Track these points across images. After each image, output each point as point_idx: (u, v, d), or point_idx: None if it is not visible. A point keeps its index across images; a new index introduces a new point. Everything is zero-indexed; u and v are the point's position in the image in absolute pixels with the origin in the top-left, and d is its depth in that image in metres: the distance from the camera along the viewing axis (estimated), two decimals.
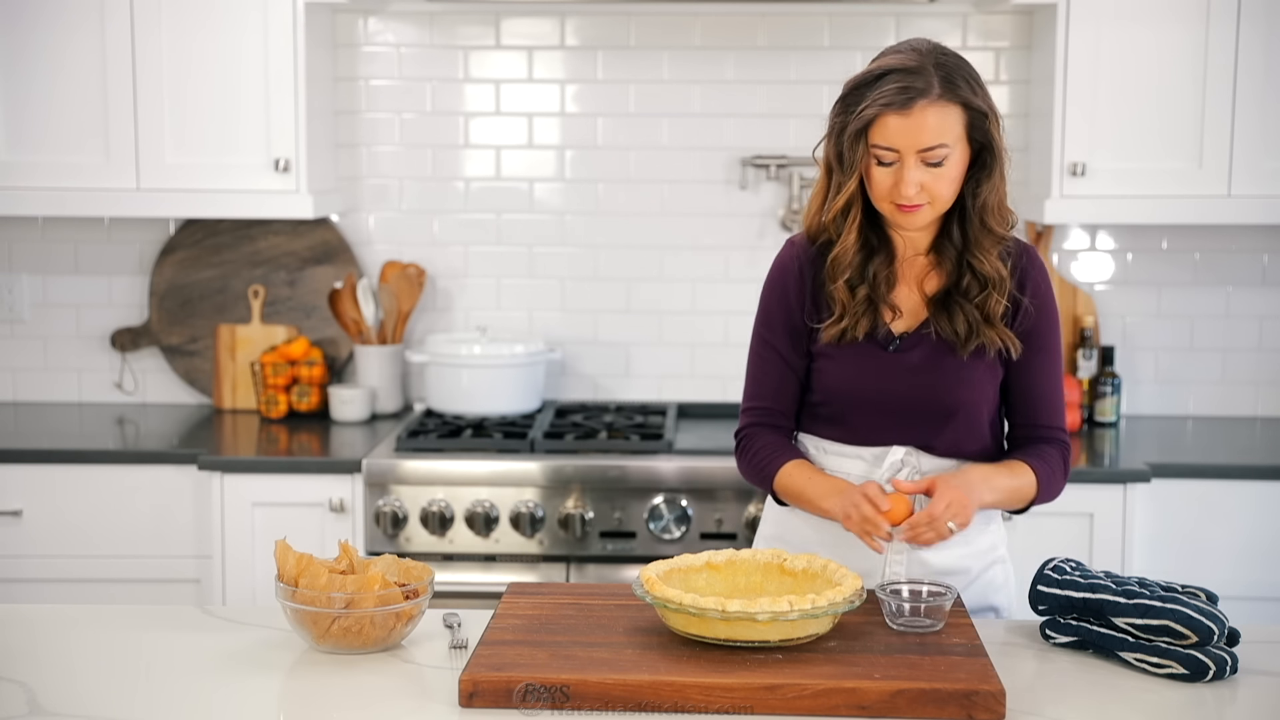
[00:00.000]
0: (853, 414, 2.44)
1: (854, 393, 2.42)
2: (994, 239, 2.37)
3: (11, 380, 4.18)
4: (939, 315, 2.40)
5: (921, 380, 2.40)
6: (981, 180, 2.35)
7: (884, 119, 2.27)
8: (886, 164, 2.30)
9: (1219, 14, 3.60)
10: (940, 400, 2.40)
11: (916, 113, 2.27)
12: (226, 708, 2.01)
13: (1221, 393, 4.08)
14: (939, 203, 2.33)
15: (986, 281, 2.37)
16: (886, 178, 2.31)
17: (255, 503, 3.53)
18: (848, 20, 3.99)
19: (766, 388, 2.50)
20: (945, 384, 2.40)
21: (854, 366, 2.41)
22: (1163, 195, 3.67)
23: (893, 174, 2.30)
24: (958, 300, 2.39)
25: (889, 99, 2.27)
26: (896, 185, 2.30)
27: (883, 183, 2.31)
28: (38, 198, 3.76)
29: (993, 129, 2.33)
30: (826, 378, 2.44)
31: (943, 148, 2.28)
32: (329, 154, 4.00)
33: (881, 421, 2.42)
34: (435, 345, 3.92)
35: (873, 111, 2.27)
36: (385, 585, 2.16)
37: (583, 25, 4.04)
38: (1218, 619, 2.09)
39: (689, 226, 4.09)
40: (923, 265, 2.43)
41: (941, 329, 2.40)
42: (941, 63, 2.30)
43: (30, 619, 2.36)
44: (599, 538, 3.50)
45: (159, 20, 3.68)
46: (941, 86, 2.28)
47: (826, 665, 2.02)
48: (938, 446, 2.42)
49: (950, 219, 2.39)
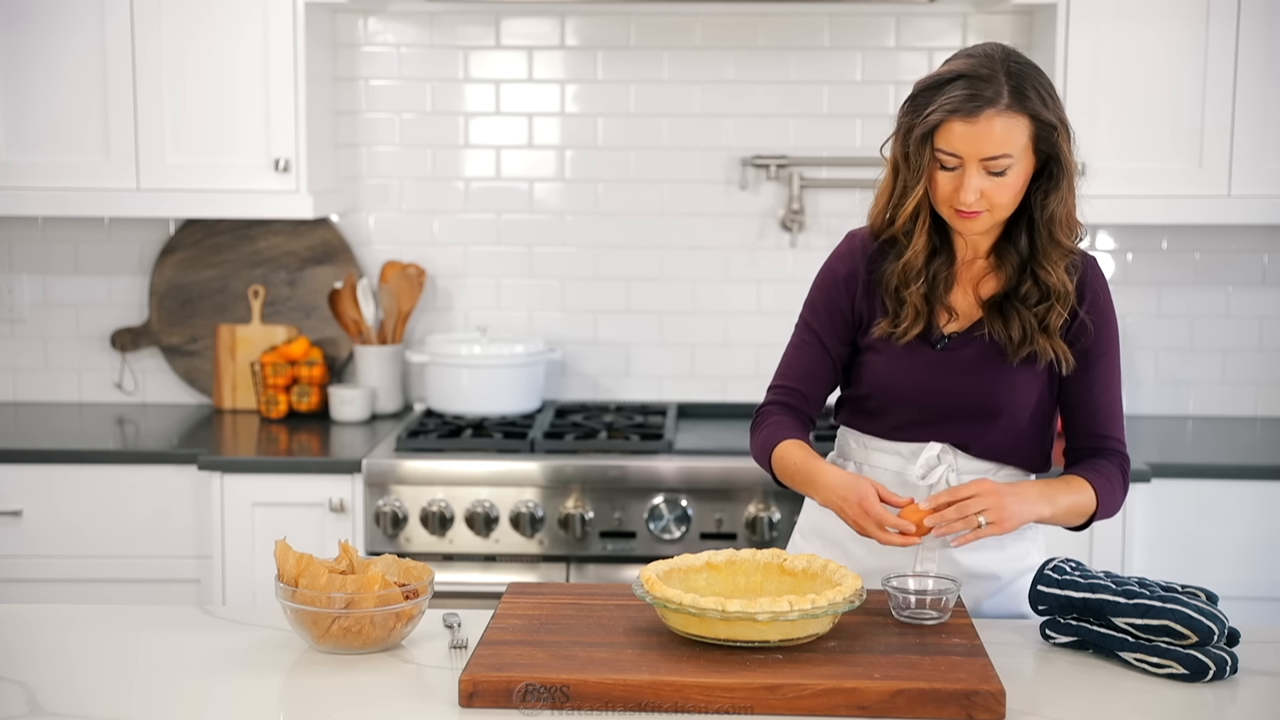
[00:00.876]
0: (895, 409, 2.43)
1: (898, 388, 2.42)
2: (1062, 251, 2.36)
3: (11, 380, 4.18)
4: (994, 318, 2.39)
5: (966, 380, 2.39)
6: (1049, 191, 2.32)
7: (949, 125, 2.26)
8: (949, 169, 2.29)
9: (1219, 13, 3.60)
10: (982, 402, 2.39)
11: (983, 121, 2.25)
12: (226, 708, 2.01)
13: (1221, 393, 4.08)
14: (998, 210, 2.31)
15: (1050, 292, 2.36)
16: (948, 182, 2.30)
17: (255, 503, 3.53)
18: (848, 20, 3.99)
19: (798, 370, 2.51)
20: (990, 387, 2.38)
21: (901, 362, 2.41)
22: (1163, 195, 3.67)
23: (954, 179, 2.29)
24: (1015, 305, 2.37)
25: (956, 105, 2.25)
26: (957, 190, 2.29)
27: (944, 187, 2.30)
28: (38, 198, 3.76)
29: (1061, 141, 2.30)
30: (872, 371, 2.44)
31: (1006, 158, 2.26)
32: (329, 154, 4.00)
33: (922, 418, 2.41)
34: (435, 345, 3.92)
35: (938, 117, 2.26)
36: (385, 585, 2.16)
37: (583, 25, 4.04)
38: (1218, 619, 2.09)
39: (689, 226, 4.09)
40: (980, 268, 2.42)
41: (996, 332, 2.38)
42: (1014, 71, 2.28)
43: (30, 619, 2.36)
44: (599, 538, 3.50)
45: (159, 20, 3.68)
46: (1011, 97, 2.26)
47: (826, 665, 2.02)
48: (976, 447, 2.42)
49: (1017, 226, 2.37)
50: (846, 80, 4.02)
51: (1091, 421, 2.44)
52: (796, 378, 2.51)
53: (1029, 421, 2.43)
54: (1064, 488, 2.37)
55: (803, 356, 2.50)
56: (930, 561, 2.43)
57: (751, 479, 3.47)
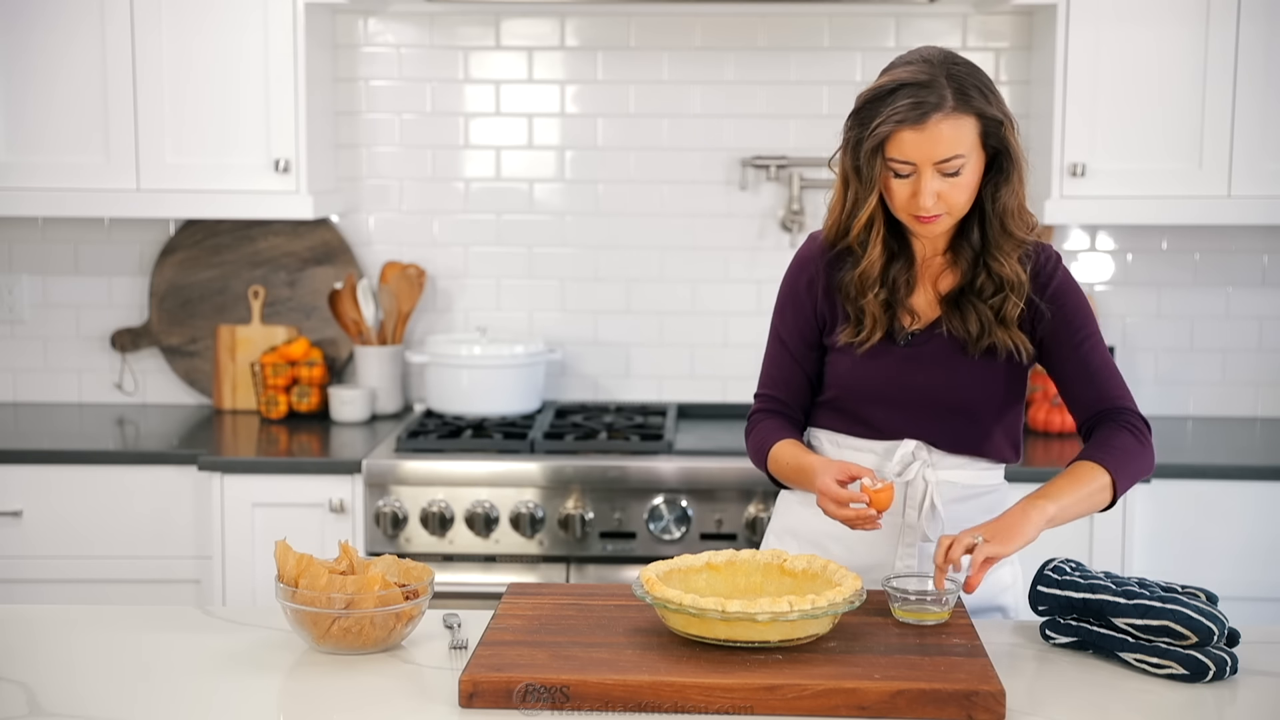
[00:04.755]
0: (864, 408, 2.46)
1: (865, 387, 2.44)
2: (1014, 242, 2.37)
3: (11, 380, 4.18)
4: (951, 314, 2.41)
5: (931, 377, 2.41)
6: (1000, 185, 2.34)
7: (899, 134, 2.28)
8: (903, 176, 2.31)
9: (1219, 14, 3.60)
10: (949, 397, 2.42)
11: (931, 126, 2.26)
12: (226, 708, 2.01)
13: (1221, 393, 4.08)
14: (955, 211, 2.33)
15: (1004, 283, 2.37)
16: (904, 189, 2.31)
17: (255, 503, 3.53)
18: (848, 21, 3.99)
19: (776, 378, 2.56)
20: (954, 382, 2.41)
21: (865, 362, 2.43)
22: (1163, 196, 3.67)
23: (910, 185, 2.31)
24: (971, 300, 2.39)
25: (902, 115, 2.26)
26: (914, 197, 2.30)
27: (900, 194, 2.32)
28: (38, 198, 3.76)
29: (1008, 134, 2.32)
30: (838, 372, 2.47)
31: (958, 159, 2.28)
32: (329, 154, 4.00)
33: (892, 416, 2.44)
34: (435, 346, 3.92)
35: (887, 128, 2.28)
36: (385, 586, 2.16)
37: (583, 26, 4.04)
38: (1217, 619, 2.09)
39: (689, 227, 4.09)
40: (938, 264, 2.44)
41: (953, 328, 2.40)
42: (953, 74, 2.30)
43: (30, 619, 2.36)
44: (599, 538, 3.50)
45: (159, 21, 3.68)
46: (955, 99, 2.27)
47: (826, 665, 2.02)
48: (945, 442, 2.44)
49: (970, 221, 2.39)
50: (846, 81, 4.02)
51: (1092, 394, 2.45)
52: (776, 386, 2.55)
53: (995, 413, 2.45)
54: (1063, 480, 2.36)
55: (778, 365, 2.55)
56: (910, 557, 2.44)
57: (751, 479, 3.47)
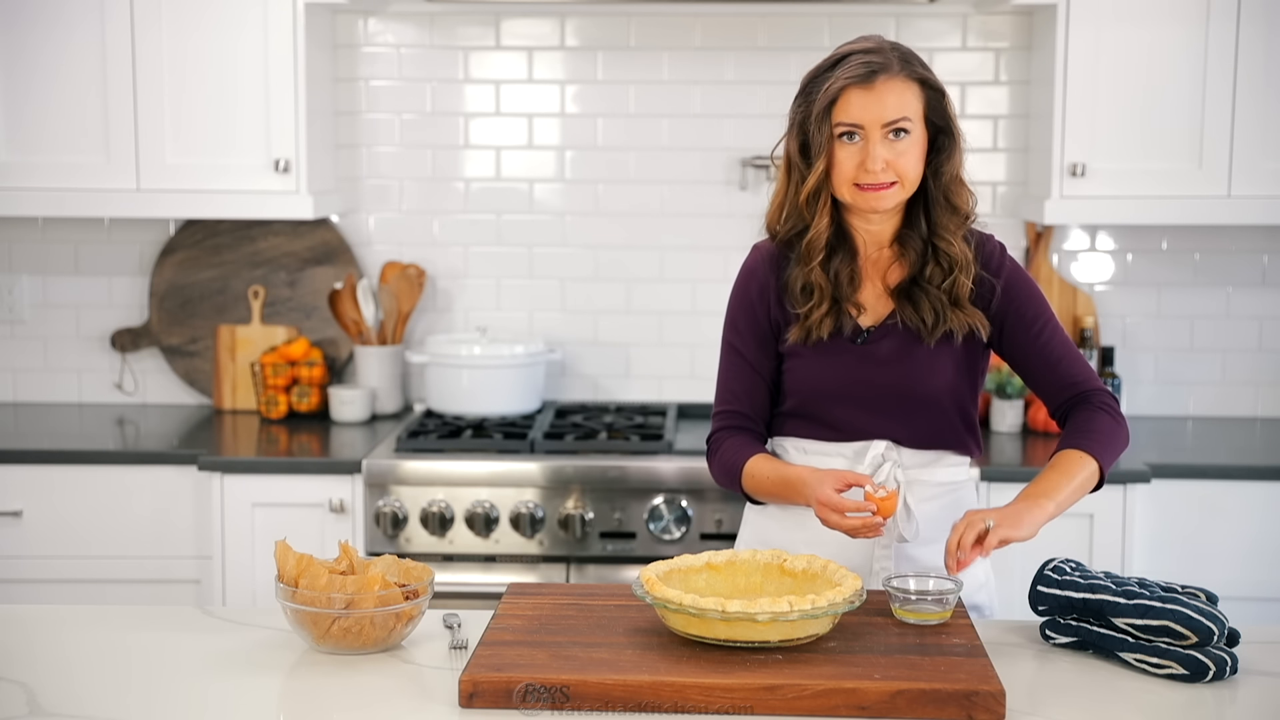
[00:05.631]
0: (827, 411, 2.45)
1: (826, 389, 2.44)
2: (959, 219, 2.41)
3: (11, 380, 4.18)
4: (904, 305, 2.42)
5: (891, 371, 2.42)
6: (942, 162, 2.39)
7: (848, 94, 2.32)
8: (853, 141, 2.33)
9: (1219, 14, 3.60)
10: (911, 390, 2.42)
11: (879, 86, 2.32)
12: (226, 708, 2.01)
13: (1221, 393, 4.08)
14: (906, 182, 2.35)
15: (953, 264, 2.40)
16: (851, 157, 2.34)
17: (255, 503, 3.53)
18: (848, 20, 3.99)
19: (736, 392, 2.52)
20: (915, 374, 2.42)
21: (823, 363, 2.43)
22: (1163, 196, 3.67)
23: (858, 152, 2.33)
24: (922, 287, 2.41)
25: (852, 73, 2.32)
26: (862, 164, 2.33)
27: (847, 163, 2.34)
28: (38, 198, 3.76)
29: (949, 107, 2.39)
30: (798, 376, 2.46)
31: (905, 120, 2.33)
32: (329, 154, 4.00)
33: (857, 416, 2.44)
34: (435, 346, 3.92)
35: (838, 86, 2.32)
36: (385, 586, 2.16)
37: (583, 26, 4.04)
38: (1218, 619, 2.09)
39: (689, 227, 4.09)
40: (886, 258, 2.45)
41: (908, 318, 2.42)
42: (896, 46, 2.38)
43: (30, 619, 2.36)
44: (599, 538, 3.50)
45: (159, 20, 3.68)
46: (900, 64, 2.34)
47: (826, 665, 2.02)
48: (913, 438, 2.44)
49: (914, 208, 2.42)
50: None
51: (1059, 380, 2.46)
52: (738, 399, 2.52)
53: (956, 404, 2.46)
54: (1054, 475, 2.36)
55: (736, 377, 2.51)
56: (887, 559, 2.44)
57: None
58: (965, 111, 3.99)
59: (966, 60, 4.00)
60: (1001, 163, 4.04)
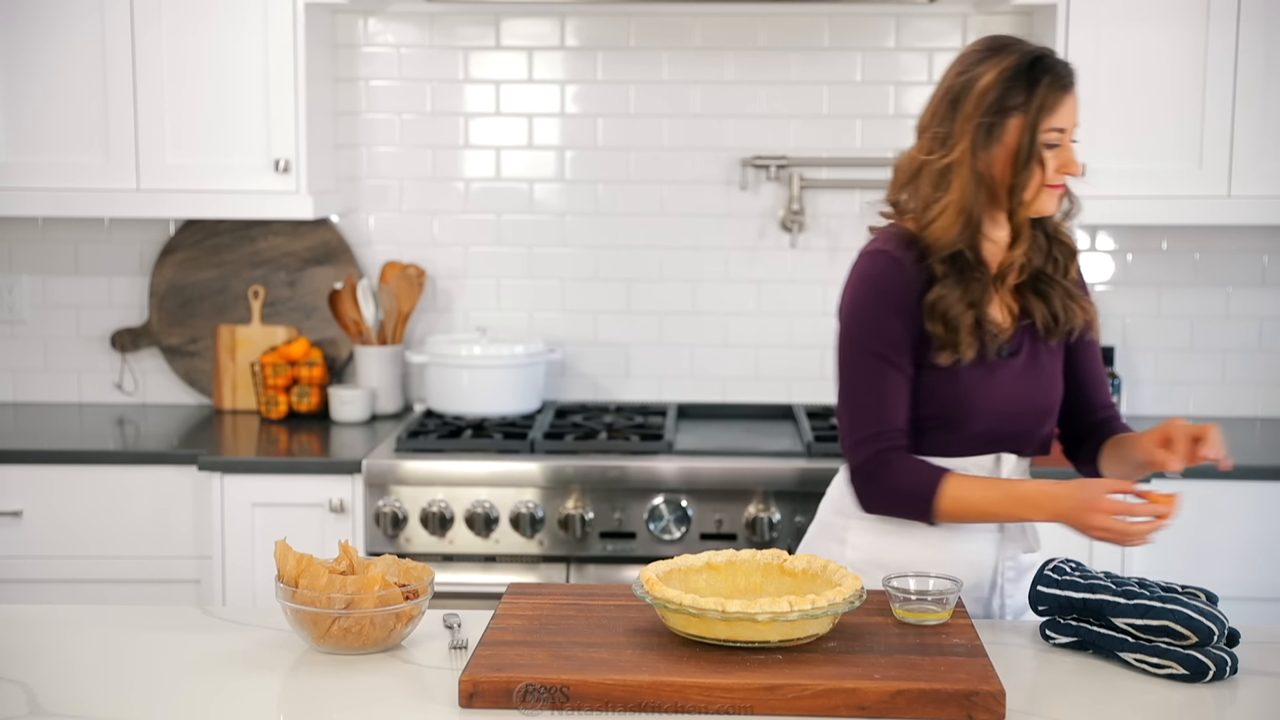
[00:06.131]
0: (965, 424, 2.41)
1: (975, 404, 2.40)
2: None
3: (11, 380, 4.18)
4: (1035, 302, 2.43)
5: (1028, 381, 2.43)
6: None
7: (1061, 99, 2.34)
8: (1052, 146, 2.35)
9: (1219, 14, 3.60)
10: (1047, 399, 2.45)
11: (1073, 90, 2.37)
12: (226, 708, 2.01)
13: (1221, 393, 4.08)
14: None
15: (1073, 250, 2.46)
16: (1052, 161, 2.36)
17: (255, 503, 3.53)
18: (848, 20, 3.99)
19: (894, 409, 2.38)
20: (1048, 383, 2.46)
21: (968, 376, 2.39)
22: (1163, 196, 3.67)
23: (1056, 155, 2.36)
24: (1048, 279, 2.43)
25: (1062, 80, 2.34)
26: (1067, 163, 2.36)
27: (1050, 165, 2.35)
28: (38, 198, 3.76)
29: None
30: (944, 391, 2.39)
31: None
32: (329, 154, 4.00)
33: (990, 428, 2.42)
34: (435, 346, 3.92)
35: (1055, 95, 2.33)
36: (385, 586, 2.16)
37: (583, 26, 4.04)
38: (1218, 619, 2.09)
39: (689, 227, 4.09)
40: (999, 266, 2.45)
41: (1040, 315, 2.43)
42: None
43: (30, 619, 2.36)
44: (599, 538, 3.50)
45: (159, 20, 3.68)
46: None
47: (826, 665, 2.02)
48: (1031, 447, 2.47)
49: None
50: (846, 81, 4.02)
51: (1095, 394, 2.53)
52: (896, 413, 2.39)
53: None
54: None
55: (894, 389, 2.38)
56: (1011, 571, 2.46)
57: (751, 479, 3.47)
58: None
59: None
60: None
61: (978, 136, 2.35)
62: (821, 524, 2.59)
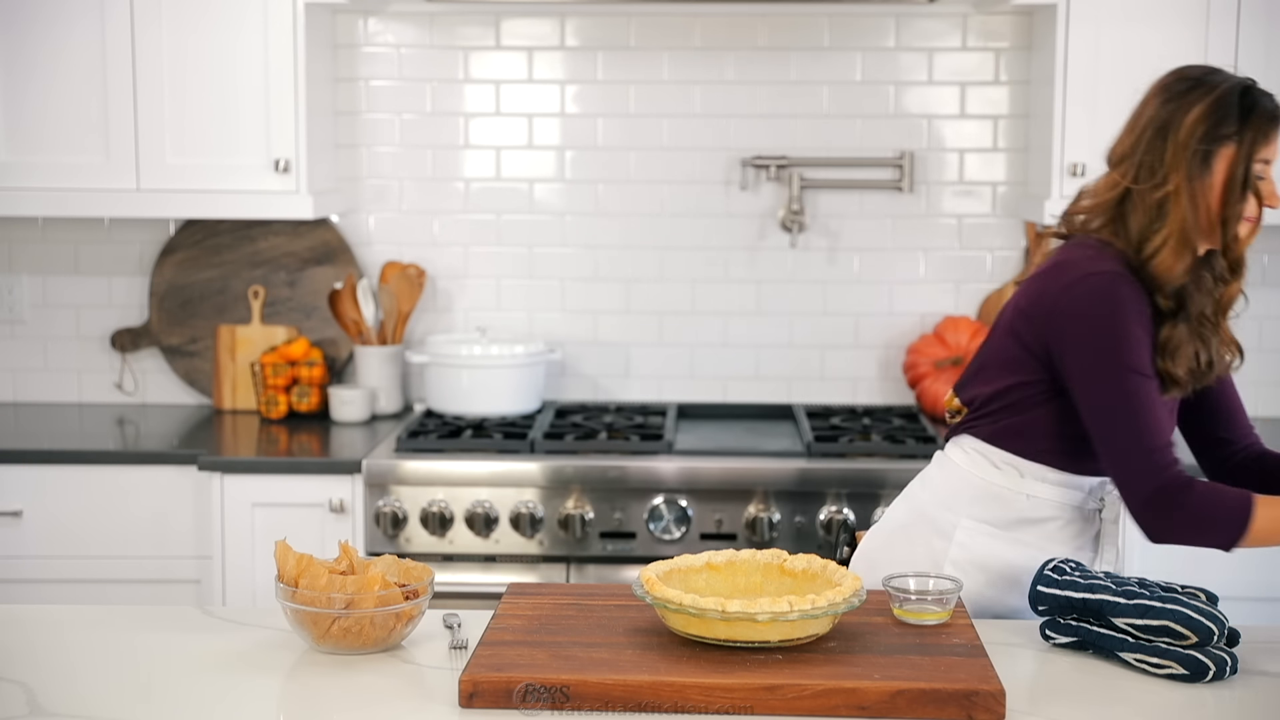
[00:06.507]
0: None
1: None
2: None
3: (11, 380, 4.18)
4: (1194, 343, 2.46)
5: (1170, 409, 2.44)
6: None
7: (1273, 131, 2.34)
8: (1261, 177, 2.36)
9: (1219, 14, 3.60)
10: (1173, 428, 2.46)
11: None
12: (226, 708, 2.01)
13: None
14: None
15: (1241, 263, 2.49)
16: (1262, 190, 2.37)
17: (255, 503, 3.53)
18: (848, 20, 3.99)
19: (1167, 425, 2.39)
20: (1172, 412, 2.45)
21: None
22: None
23: (1265, 185, 2.37)
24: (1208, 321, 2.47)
25: (1273, 111, 2.34)
26: (1270, 196, 2.38)
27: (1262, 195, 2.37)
28: (38, 198, 3.76)
29: None
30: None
31: None
32: (329, 155, 4.00)
33: None
34: (435, 346, 3.92)
35: (1268, 125, 2.33)
36: (385, 586, 2.16)
37: (583, 26, 4.04)
38: (1218, 619, 2.09)
39: (689, 227, 4.09)
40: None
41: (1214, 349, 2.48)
42: None
43: (30, 619, 2.36)
44: (599, 538, 3.50)
45: (159, 20, 3.68)
46: None
47: (826, 665, 2.02)
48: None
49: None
50: (846, 80, 4.02)
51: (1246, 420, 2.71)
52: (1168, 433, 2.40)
53: None
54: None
55: (1165, 412, 2.39)
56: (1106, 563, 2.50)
57: (751, 479, 3.47)
58: (965, 111, 3.99)
59: (966, 60, 4.00)
60: (1001, 163, 4.04)
61: (1193, 165, 2.34)
62: (922, 515, 2.52)
